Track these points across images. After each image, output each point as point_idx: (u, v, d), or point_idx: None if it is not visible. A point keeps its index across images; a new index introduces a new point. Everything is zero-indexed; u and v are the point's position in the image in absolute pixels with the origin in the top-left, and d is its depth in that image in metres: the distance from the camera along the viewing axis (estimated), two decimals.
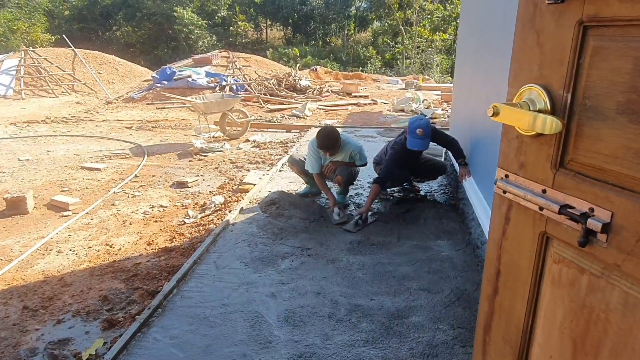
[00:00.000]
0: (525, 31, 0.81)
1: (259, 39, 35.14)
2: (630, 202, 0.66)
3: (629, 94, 0.65)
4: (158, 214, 4.32)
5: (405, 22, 24.51)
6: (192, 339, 2.42)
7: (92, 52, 15.62)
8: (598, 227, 0.69)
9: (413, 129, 3.73)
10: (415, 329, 2.47)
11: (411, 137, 3.75)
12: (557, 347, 0.82)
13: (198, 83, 11.82)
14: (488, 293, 0.97)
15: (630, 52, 0.64)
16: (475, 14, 3.96)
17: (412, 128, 3.74)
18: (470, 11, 4.24)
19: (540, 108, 0.77)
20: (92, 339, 2.53)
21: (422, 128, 3.69)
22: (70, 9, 30.88)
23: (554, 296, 0.81)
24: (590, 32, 0.70)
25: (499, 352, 0.96)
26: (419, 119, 3.83)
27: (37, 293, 3.04)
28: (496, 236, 0.93)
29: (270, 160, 6.00)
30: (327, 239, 3.57)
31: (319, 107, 10.26)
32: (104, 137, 7.70)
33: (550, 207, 0.77)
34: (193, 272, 3.09)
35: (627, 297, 0.68)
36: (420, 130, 3.69)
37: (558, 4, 0.73)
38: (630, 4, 0.63)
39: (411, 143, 3.76)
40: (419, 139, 3.71)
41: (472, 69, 4.05)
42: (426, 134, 3.71)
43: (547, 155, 0.78)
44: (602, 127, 0.69)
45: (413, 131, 3.73)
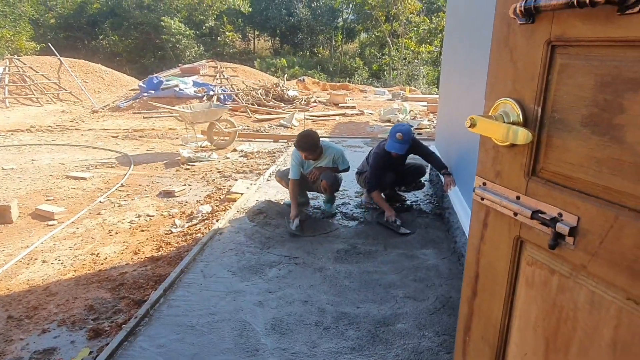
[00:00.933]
0: (500, 49, 0.87)
1: (247, 49, 35.26)
2: (595, 207, 0.71)
3: (591, 108, 0.71)
4: (145, 224, 4.30)
5: (392, 34, 24.86)
6: (179, 347, 2.42)
7: (78, 61, 15.51)
8: (566, 231, 0.74)
9: (393, 133, 3.89)
10: (400, 336, 2.51)
11: (391, 141, 3.90)
12: (531, 345, 0.87)
13: (185, 93, 11.82)
14: (468, 295, 1.01)
15: (593, 70, 0.70)
16: (459, 28, 4.07)
17: (392, 132, 3.91)
18: (454, 26, 4.36)
19: (514, 120, 0.83)
20: (77, 349, 2.51)
21: (402, 133, 3.84)
22: (56, 18, 30.65)
23: (528, 297, 0.86)
24: (557, 50, 0.76)
25: (478, 352, 1.00)
26: (401, 125, 4.00)
27: (22, 302, 3.00)
28: (475, 241, 0.98)
29: (258, 170, 6.02)
30: (314, 247, 3.60)
31: (306, 117, 10.33)
32: (89, 146, 7.64)
33: (523, 212, 0.82)
34: (180, 281, 3.09)
35: (593, 295, 0.73)
36: (400, 135, 3.83)
37: (529, 24, 0.79)
38: (592, 27, 0.69)
39: (390, 145, 3.90)
40: (398, 143, 3.85)
41: (457, 82, 4.15)
42: (405, 140, 3.85)
43: (521, 164, 0.84)
44: (569, 138, 0.75)
45: (393, 135, 3.88)
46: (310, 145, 3.98)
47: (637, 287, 0.66)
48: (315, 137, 4.03)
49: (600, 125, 0.70)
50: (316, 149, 4.03)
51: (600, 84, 0.69)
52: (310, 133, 4.07)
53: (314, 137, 4.02)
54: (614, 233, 0.68)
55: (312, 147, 3.99)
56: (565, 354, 0.79)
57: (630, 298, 0.68)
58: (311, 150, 4.01)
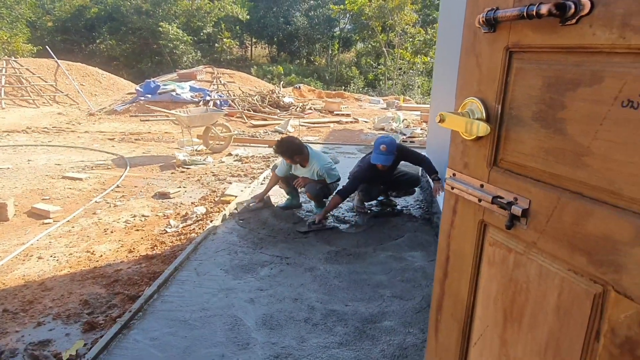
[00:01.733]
0: (468, 54, 0.98)
1: (244, 56, 35.49)
2: (543, 191, 0.82)
3: (540, 105, 0.82)
4: (140, 223, 4.38)
5: (387, 45, 25.18)
6: (172, 340, 2.50)
7: (75, 64, 15.58)
8: (519, 212, 0.85)
9: (377, 145, 3.97)
10: (387, 332, 2.60)
11: (375, 153, 3.97)
12: (492, 317, 0.97)
13: (182, 97, 11.92)
14: (440, 277, 1.12)
15: (541, 72, 0.81)
16: (449, 40, 4.21)
17: (377, 144, 3.99)
18: (445, 38, 4.50)
19: (479, 117, 0.94)
20: (72, 341, 2.58)
21: (386, 144, 3.92)
22: (54, 21, 30.72)
23: (489, 274, 0.97)
24: (514, 56, 0.87)
25: (448, 328, 1.10)
26: (384, 136, 4.09)
27: (18, 297, 3.07)
28: (446, 227, 1.08)
29: (252, 174, 6.12)
30: (306, 248, 3.69)
31: (301, 124, 10.45)
32: (85, 148, 7.70)
33: (486, 198, 0.93)
34: (174, 278, 3.17)
35: (541, 268, 0.84)
36: (384, 147, 3.91)
37: (491, 33, 0.91)
38: (540, 35, 0.80)
39: (375, 158, 3.97)
40: (382, 155, 3.92)
41: (447, 92, 4.28)
42: (389, 151, 3.91)
43: (484, 155, 0.95)
44: (523, 131, 0.86)
45: (377, 147, 3.96)
46: (284, 149, 4.14)
47: (575, 259, 0.77)
48: (290, 143, 4.17)
49: (547, 120, 0.81)
50: (292, 154, 4.15)
51: (547, 85, 0.80)
52: (288, 139, 4.27)
53: (291, 142, 4.18)
54: (557, 213, 0.79)
55: (286, 152, 4.14)
56: (519, 322, 0.90)
57: (571, 269, 0.78)
58: (287, 155, 4.16)
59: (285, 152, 4.16)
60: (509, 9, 0.82)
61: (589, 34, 0.71)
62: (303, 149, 4.21)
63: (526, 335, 0.89)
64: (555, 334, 0.82)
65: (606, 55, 0.70)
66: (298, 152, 4.17)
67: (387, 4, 22.95)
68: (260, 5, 33.02)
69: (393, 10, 23.01)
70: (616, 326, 0.71)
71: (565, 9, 0.72)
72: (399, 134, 9.22)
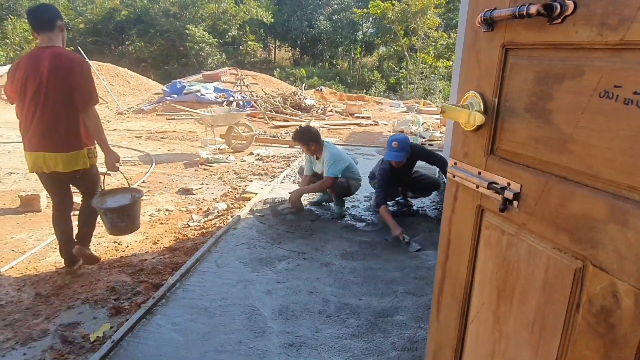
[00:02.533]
0: (469, 51, 1.06)
1: (267, 59, 35.93)
2: (532, 176, 0.89)
3: (531, 97, 0.89)
4: (164, 217, 4.55)
5: (410, 49, 25.13)
6: (193, 326, 2.62)
7: (105, 65, 16.09)
8: (511, 196, 0.92)
9: (390, 142, 4.04)
10: (398, 326, 2.67)
11: (388, 151, 4.03)
12: (487, 295, 1.04)
13: (206, 98, 12.19)
14: (442, 260, 1.19)
15: (533, 68, 0.89)
16: None
17: (389, 142, 4.05)
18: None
19: (477, 109, 1.02)
20: (99, 324, 2.73)
21: (398, 141, 3.98)
22: (85, 23, 31.72)
23: (485, 256, 1.04)
24: (510, 52, 0.95)
25: (448, 308, 1.18)
26: (396, 135, 4.17)
27: (49, 282, 3.25)
28: (448, 213, 1.16)
29: (273, 173, 6.25)
30: (322, 245, 3.78)
31: (322, 126, 10.56)
32: (114, 145, 7.95)
33: (482, 184, 1.01)
34: (195, 269, 3.30)
35: (530, 248, 0.91)
36: (396, 143, 3.97)
37: (490, 32, 0.98)
38: (532, 33, 0.88)
39: (388, 155, 4.03)
40: (394, 151, 3.98)
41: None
42: (401, 147, 3.97)
43: (482, 145, 1.03)
44: (516, 122, 0.94)
45: (389, 144, 4.02)
46: (301, 135, 4.37)
47: (560, 237, 0.84)
48: (307, 130, 4.42)
49: (537, 111, 0.88)
50: (308, 141, 4.34)
51: (537, 78, 0.88)
52: (306, 127, 4.54)
53: (307, 129, 4.44)
54: (544, 196, 0.86)
55: (303, 138, 4.35)
56: (511, 299, 0.97)
57: (556, 247, 0.85)
58: (303, 141, 4.36)
59: (301, 138, 4.36)
60: (503, 9, 0.90)
61: (573, 31, 0.79)
62: (319, 138, 4.41)
63: (517, 310, 0.96)
64: (542, 308, 0.89)
65: (587, 51, 0.77)
66: (314, 140, 4.36)
67: (410, 8, 22.94)
68: (285, 8, 33.41)
69: (416, 14, 22.98)
70: (593, 297, 0.78)
71: (552, 9, 0.80)
72: (418, 137, 9.24)
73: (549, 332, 0.88)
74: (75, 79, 2.94)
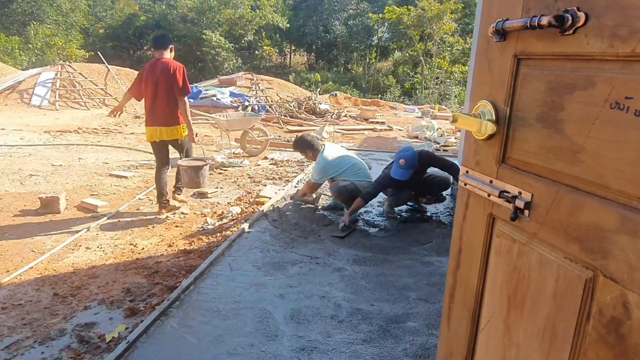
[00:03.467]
0: (481, 60, 1.07)
1: (283, 64, 36.17)
2: (544, 185, 0.90)
3: (542, 107, 0.90)
4: (179, 220, 4.61)
5: (425, 54, 25.05)
6: (206, 328, 2.65)
7: (123, 69, 16.36)
8: (522, 205, 0.93)
9: (397, 159, 4.01)
10: (410, 333, 2.66)
11: (395, 167, 4.03)
12: (497, 304, 1.04)
13: (222, 102, 12.33)
14: (453, 268, 1.20)
15: (544, 78, 0.90)
16: None
17: (397, 158, 4.03)
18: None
19: (489, 118, 1.03)
20: (115, 324, 2.77)
21: (405, 159, 3.94)
22: (105, 28, 32.40)
23: (496, 264, 1.04)
24: (522, 62, 0.96)
25: (459, 315, 1.18)
26: (405, 150, 4.08)
27: (67, 282, 3.32)
28: (459, 220, 1.17)
29: (287, 177, 6.28)
30: (335, 250, 3.79)
31: (336, 131, 10.59)
32: (131, 148, 8.12)
33: (494, 193, 1.01)
34: (209, 272, 3.34)
35: (541, 257, 0.91)
36: (403, 161, 3.95)
37: (502, 42, 0.99)
38: (543, 44, 0.88)
39: (394, 172, 4.02)
40: (400, 169, 3.98)
41: None
42: (408, 165, 3.95)
43: (494, 154, 1.03)
44: (527, 131, 0.94)
45: (397, 161, 4.01)
46: (297, 144, 4.82)
47: (570, 247, 0.84)
48: (301, 139, 4.79)
49: (548, 121, 0.89)
50: (304, 148, 4.74)
51: (549, 89, 0.88)
52: (302, 135, 4.89)
53: (301, 138, 4.79)
54: (555, 205, 0.87)
55: (298, 146, 4.78)
56: (521, 307, 0.97)
57: (566, 257, 0.85)
58: (300, 149, 4.83)
59: (297, 147, 4.76)
60: (515, 20, 0.91)
61: (584, 43, 0.79)
62: (313, 145, 4.67)
63: (527, 319, 0.96)
64: (552, 318, 0.89)
65: (598, 62, 0.78)
66: (308, 147, 4.68)
67: (426, 13, 22.88)
68: (301, 14, 33.65)
69: (432, 19, 22.92)
70: (603, 307, 0.78)
71: (564, 20, 0.80)
72: (433, 142, 9.20)
73: (560, 342, 0.88)
74: (175, 78, 4.40)
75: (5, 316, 2.85)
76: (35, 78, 13.87)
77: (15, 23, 26.96)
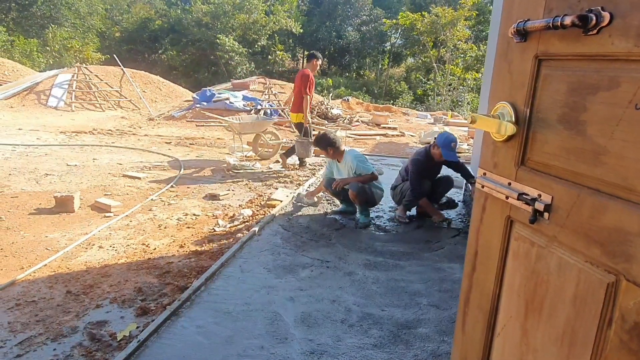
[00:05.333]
0: (501, 61, 1.06)
1: (296, 68, 36.26)
2: (564, 187, 0.88)
3: (564, 109, 0.89)
4: (191, 221, 4.63)
5: (438, 60, 24.96)
6: (216, 329, 2.66)
7: (138, 72, 16.59)
8: (542, 207, 0.91)
9: (448, 143, 4.22)
10: (421, 339, 2.63)
11: (446, 150, 4.20)
12: (515, 308, 1.02)
13: (235, 106, 12.40)
14: (468, 271, 1.18)
15: (566, 79, 0.88)
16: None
17: (447, 142, 4.23)
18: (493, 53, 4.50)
19: (508, 120, 1.01)
20: (126, 323, 2.79)
21: (455, 142, 4.26)
22: (121, 32, 32.87)
23: (513, 267, 1.03)
24: (543, 63, 0.95)
25: (474, 320, 1.16)
26: (448, 134, 4.36)
27: (80, 281, 3.35)
28: (476, 223, 1.15)
29: (298, 181, 6.29)
30: (346, 254, 3.78)
31: (348, 136, 10.58)
32: (145, 150, 8.21)
33: (512, 195, 1.00)
34: (220, 273, 3.34)
35: (561, 260, 0.89)
36: (454, 144, 4.24)
37: (522, 43, 0.98)
38: (566, 44, 0.87)
39: (448, 155, 4.22)
40: (452, 151, 4.23)
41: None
42: (456, 147, 4.28)
43: (512, 156, 1.02)
44: (548, 133, 0.93)
45: (448, 145, 4.21)
46: (318, 140, 4.73)
47: (592, 250, 0.82)
48: (323, 136, 4.71)
49: (570, 122, 0.87)
50: (326, 145, 4.63)
51: (570, 89, 0.87)
52: (324, 132, 4.82)
53: (323, 135, 4.72)
54: (576, 208, 0.85)
55: (320, 143, 4.68)
56: (540, 312, 0.95)
57: (587, 260, 0.84)
58: (321, 146, 4.67)
59: (319, 143, 4.68)
60: (537, 20, 0.90)
61: (609, 43, 0.78)
62: (336, 142, 4.61)
63: (545, 324, 0.94)
64: (572, 323, 0.87)
65: (623, 62, 0.77)
66: (330, 144, 4.59)
67: (439, 20, 22.82)
68: (314, 19, 33.79)
69: (445, 25, 22.84)
70: (626, 313, 0.76)
71: (587, 20, 0.79)
72: None
73: (579, 348, 0.86)
74: (301, 81, 6.56)
75: (19, 312, 2.88)
76: (52, 80, 14.13)
77: (34, 26, 27.50)
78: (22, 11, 27.22)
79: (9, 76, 15.22)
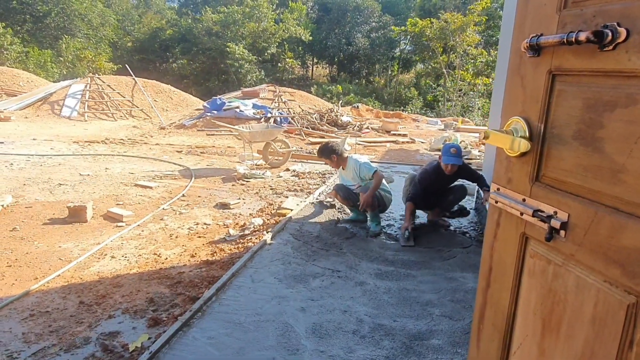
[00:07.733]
0: (513, 76, 1.05)
1: (305, 76, 36.47)
2: (581, 205, 0.87)
3: (580, 125, 0.87)
4: (202, 231, 4.65)
5: (448, 66, 24.89)
6: (227, 340, 2.65)
7: (150, 81, 16.78)
8: (558, 225, 0.89)
9: (447, 149, 4.16)
10: (434, 350, 2.60)
11: (446, 156, 4.13)
12: (531, 326, 1.00)
13: (245, 114, 12.47)
14: (482, 287, 1.16)
15: (581, 94, 0.87)
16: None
17: (446, 149, 4.17)
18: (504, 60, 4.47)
19: (522, 135, 1.00)
20: (138, 334, 2.80)
21: (456, 148, 4.15)
22: (133, 42, 33.35)
23: (529, 285, 1.01)
24: (557, 79, 0.93)
25: (489, 337, 1.14)
26: (451, 143, 4.39)
27: (92, 291, 3.37)
28: (490, 239, 1.14)
29: (309, 189, 6.29)
30: (357, 263, 3.76)
31: (358, 143, 10.57)
32: (156, 159, 8.28)
33: (527, 212, 0.98)
34: (231, 283, 3.34)
35: (579, 279, 0.88)
36: (454, 149, 4.13)
37: (536, 57, 0.97)
38: (581, 60, 0.86)
39: (445, 159, 4.12)
40: (453, 156, 4.11)
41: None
42: (459, 154, 4.13)
43: (527, 172, 1.00)
44: (563, 149, 0.91)
45: (447, 151, 4.14)
46: (322, 149, 4.76)
47: (610, 270, 0.81)
48: (326, 145, 4.78)
49: (586, 139, 0.86)
50: (329, 154, 4.67)
51: (586, 106, 0.86)
52: (326, 142, 4.92)
53: (326, 144, 4.80)
54: (594, 226, 0.83)
55: (323, 152, 4.72)
56: (557, 332, 0.93)
57: (606, 280, 0.82)
58: (324, 155, 4.73)
59: (322, 153, 4.72)
60: (551, 36, 0.89)
61: (625, 59, 0.77)
62: (337, 150, 4.66)
63: (563, 344, 0.92)
64: (591, 344, 0.85)
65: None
66: (333, 152, 4.65)
67: (449, 26, 22.78)
68: (323, 27, 33.97)
69: (455, 31, 22.79)
70: None
71: (603, 36, 0.78)
72: None
73: None
74: None
75: (33, 323, 2.91)
76: (65, 90, 14.36)
77: (48, 37, 28.02)
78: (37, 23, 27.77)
79: (24, 87, 15.50)
